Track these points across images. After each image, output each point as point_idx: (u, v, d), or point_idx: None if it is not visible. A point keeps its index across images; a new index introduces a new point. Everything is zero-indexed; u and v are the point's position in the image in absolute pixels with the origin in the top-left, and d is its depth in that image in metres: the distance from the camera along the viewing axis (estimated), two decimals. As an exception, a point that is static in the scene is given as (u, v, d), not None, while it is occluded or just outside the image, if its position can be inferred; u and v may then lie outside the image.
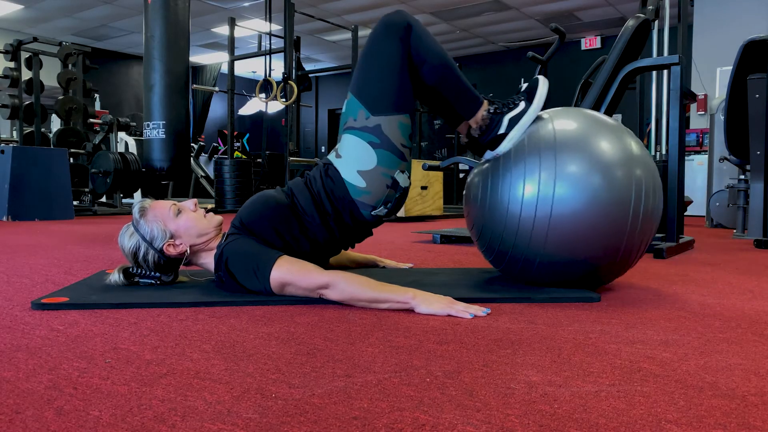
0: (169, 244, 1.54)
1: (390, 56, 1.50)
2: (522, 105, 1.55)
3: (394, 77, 1.51)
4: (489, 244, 1.62)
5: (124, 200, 6.50)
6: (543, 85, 1.56)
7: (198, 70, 12.23)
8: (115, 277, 1.58)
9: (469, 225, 1.72)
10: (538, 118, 1.58)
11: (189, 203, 1.61)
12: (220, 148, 9.34)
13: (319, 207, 1.56)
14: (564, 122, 1.54)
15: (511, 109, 1.55)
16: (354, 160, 1.53)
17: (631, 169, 1.48)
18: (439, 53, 1.52)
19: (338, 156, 1.57)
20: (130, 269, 1.59)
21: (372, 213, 1.56)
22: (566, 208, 1.45)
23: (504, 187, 1.52)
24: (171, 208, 1.57)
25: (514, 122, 1.54)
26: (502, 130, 1.55)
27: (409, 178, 1.58)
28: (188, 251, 1.56)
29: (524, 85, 1.63)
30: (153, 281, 1.58)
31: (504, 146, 1.55)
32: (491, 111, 1.57)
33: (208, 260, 1.58)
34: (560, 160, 1.47)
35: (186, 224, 1.55)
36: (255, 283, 1.43)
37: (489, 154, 1.59)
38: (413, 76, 1.54)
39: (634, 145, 1.53)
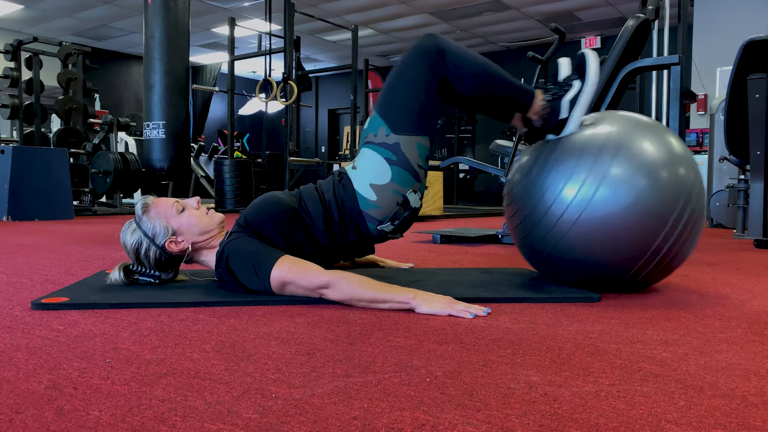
0: (171, 241, 1.55)
1: (417, 80, 1.51)
2: (577, 84, 1.56)
3: (419, 100, 1.52)
4: (530, 245, 1.64)
5: (124, 200, 6.49)
6: (592, 58, 1.57)
7: (198, 70, 12.23)
8: (115, 275, 1.58)
9: (510, 223, 1.73)
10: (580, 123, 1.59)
11: (192, 201, 1.61)
12: (220, 148, 9.33)
13: (327, 214, 1.57)
14: (606, 125, 1.55)
15: (566, 91, 1.57)
16: (368, 172, 1.54)
17: (675, 169, 1.49)
18: (476, 66, 1.52)
19: (354, 168, 1.59)
20: (131, 266, 1.59)
21: (378, 227, 1.56)
22: (609, 209, 1.46)
23: (546, 187, 1.53)
24: (174, 205, 1.57)
25: (573, 103, 1.56)
26: (563, 115, 1.56)
27: (421, 199, 1.58)
28: (190, 248, 1.57)
29: (562, 67, 1.65)
30: (153, 280, 1.58)
31: (570, 128, 1.56)
32: (548, 99, 1.58)
33: (209, 258, 1.59)
34: (602, 161, 1.48)
35: (188, 221, 1.56)
36: (255, 281, 1.43)
37: (551, 138, 1.61)
38: (453, 93, 1.55)
39: (676, 144, 1.54)
